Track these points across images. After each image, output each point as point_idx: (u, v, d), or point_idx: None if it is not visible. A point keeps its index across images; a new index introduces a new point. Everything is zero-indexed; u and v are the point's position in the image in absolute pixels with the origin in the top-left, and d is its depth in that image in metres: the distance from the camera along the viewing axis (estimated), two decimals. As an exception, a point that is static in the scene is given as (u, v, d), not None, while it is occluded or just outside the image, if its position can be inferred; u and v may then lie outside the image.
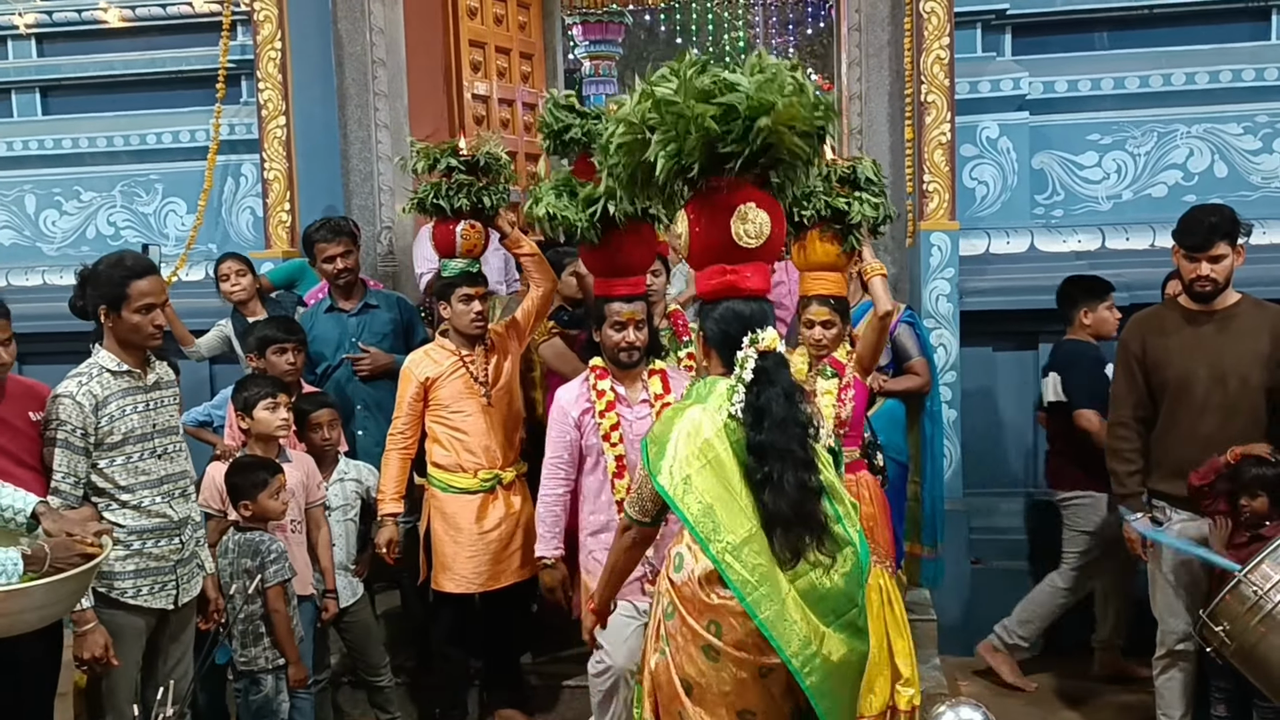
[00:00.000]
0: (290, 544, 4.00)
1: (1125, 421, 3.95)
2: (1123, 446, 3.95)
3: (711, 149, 2.59)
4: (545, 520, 3.79)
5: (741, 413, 2.61)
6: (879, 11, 5.56)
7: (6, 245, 6.52)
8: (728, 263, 2.72)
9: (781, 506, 2.56)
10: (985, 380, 5.36)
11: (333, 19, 6.01)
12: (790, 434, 2.60)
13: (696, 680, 2.64)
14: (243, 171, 6.15)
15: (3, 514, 2.83)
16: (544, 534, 3.79)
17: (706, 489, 2.58)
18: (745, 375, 2.61)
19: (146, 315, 3.25)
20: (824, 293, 3.80)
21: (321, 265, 4.82)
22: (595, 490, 3.76)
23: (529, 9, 7.70)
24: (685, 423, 2.65)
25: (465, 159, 4.10)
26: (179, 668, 3.48)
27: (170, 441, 3.41)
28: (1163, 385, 3.85)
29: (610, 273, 3.71)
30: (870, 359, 3.92)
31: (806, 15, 16.10)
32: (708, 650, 2.62)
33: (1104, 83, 5.43)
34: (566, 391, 3.80)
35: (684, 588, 2.66)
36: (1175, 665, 3.95)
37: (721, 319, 2.72)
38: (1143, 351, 3.89)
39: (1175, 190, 5.44)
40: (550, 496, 3.78)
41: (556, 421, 3.76)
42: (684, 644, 2.66)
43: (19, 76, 6.47)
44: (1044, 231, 5.43)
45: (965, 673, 4.98)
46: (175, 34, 6.31)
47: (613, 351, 3.69)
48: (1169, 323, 3.89)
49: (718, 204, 2.69)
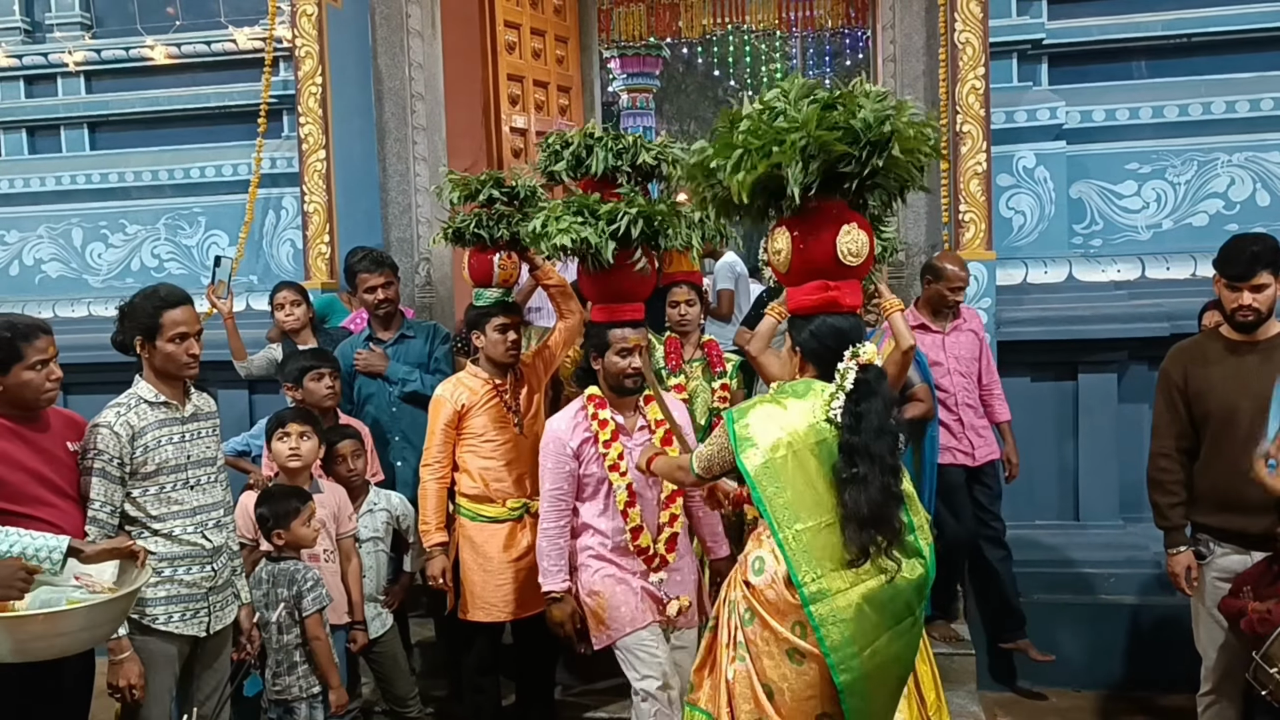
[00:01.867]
0: (324, 574, 4.02)
1: (1167, 452, 3.87)
2: (1165, 478, 3.87)
3: (830, 169, 2.72)
4: (549, 554, 3.70)
5: (840, 417, 2.73)
6: (914, 42, 5.57)
7: (54, 277, 6.66)
8: (829, 279, 2.84)
9: (862, 505, 2.66)
10: (1024, 411, 5.29)
11: (373, 54, 6.12)
12: (884, 441, 2.73)
13: (779, 685, 2.69)
14: (283, 204, 6.25)
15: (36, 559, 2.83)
16: (549, 568, 3.70)
17: (787, 477, 2.69)
18: (847, 385, 2.74)
19: (181, 345, 3.30)
20: None
21: (363, 295, 4.88)
22: (595, 517, 3.71)
23: (567, 43, 7.78)
24: (781, 412, 2.76)
25: (508, 189, 4.14)
26: (214, 696, 3.49)
27: (205, 473, 3.44)
28: (1205, 416, 3.78)
29: (614, 299, 3.70)
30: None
31: (845, 46, 16.14)
32: (792, 654, 2.68)
33: (1142, 111, 5.39)
34: (561, 421, 3.73)
35: (766, 590, 2.72)
36: (1220, 701, 3.85)
37: (821, 334, 2.84)
38: (1184, 382, 3.82)
39: (1216, 219, 5.38)
40: (553, 529, 3.70)
41: (554, 452, 3.68)
42: (766, 648, 2.71)
43: (68, 113, 6.63)
44: (1082, 261, 5.38)
45: (1005, 706, 4.90)
46: (219, 70, 6.44)
47: (617, 379, 3.66)
48: (1211, 353, 3.82)
49: (822, 223, 2.81)
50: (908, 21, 5.59)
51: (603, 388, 3.72)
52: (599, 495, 3.70)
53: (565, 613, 3.69)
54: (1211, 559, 3.78)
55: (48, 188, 6.58)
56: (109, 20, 6.70)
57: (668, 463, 3.29)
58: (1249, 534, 3.66)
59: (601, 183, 3.85)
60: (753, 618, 2.74)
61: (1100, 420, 5.29)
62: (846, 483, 2.69)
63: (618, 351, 3.64)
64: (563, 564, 3.70)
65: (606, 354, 3.66)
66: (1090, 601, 5.12)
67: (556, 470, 3.67)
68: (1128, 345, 5.22)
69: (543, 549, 3.70)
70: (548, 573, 3.69)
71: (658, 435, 3.72)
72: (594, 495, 3.70)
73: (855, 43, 15.47)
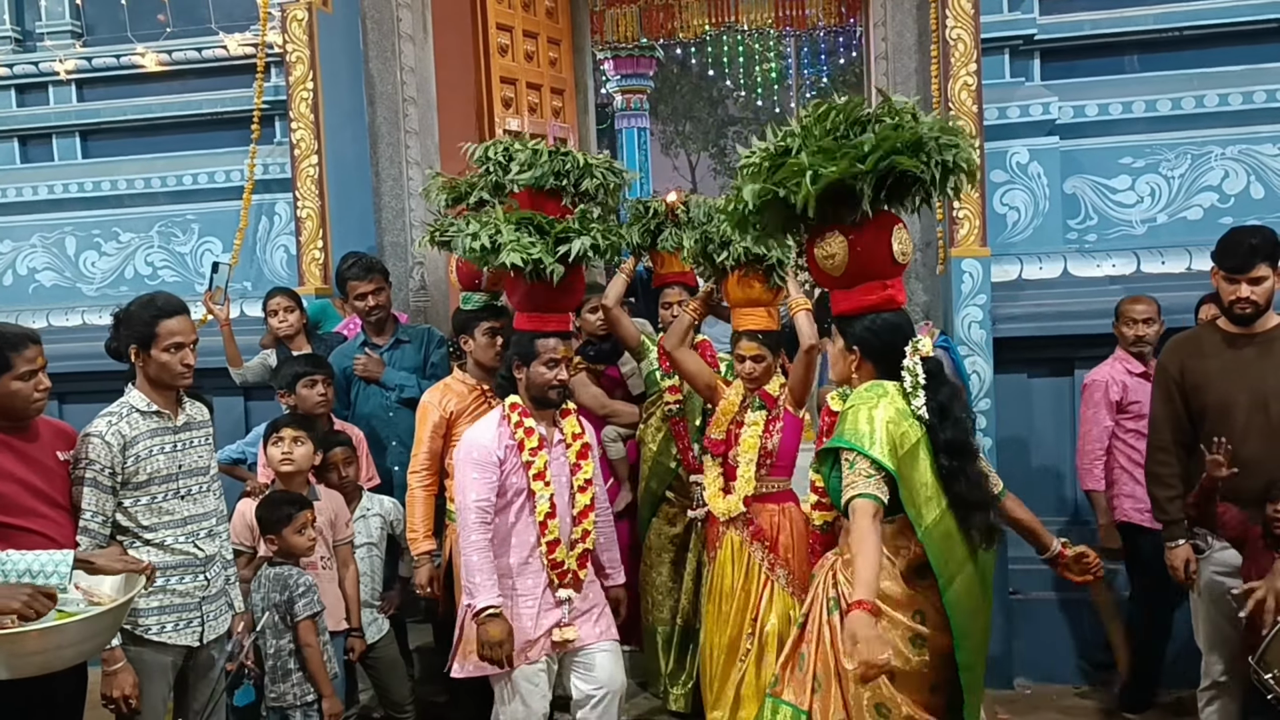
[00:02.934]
0: (321, 580, 4.02)
1: (1165, 446, 3.87)
2: (1163, 472, 3.86)
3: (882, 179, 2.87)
4: (482, 569, 3.50)
5: (928, 414, 2.88)
6: (906, 40, 5.56)
7: (48, 286, 6.64)
8: (886, 279, 2.98)
9: (975, 495, 2.90)
10: (1020, 407, 5.29)
11: (364, 59, 6.11)
12: (967, 429, 2.96)
13: (901, 669, 2.84)
14: (276, 210, 6.24)
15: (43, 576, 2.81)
16: (483, 583, 3.49)
17: (917, 475, 2.85)
18: (921, 379, 2.90)
19: (176, 354, 3.29)
20: (754, 328, 4.01)
21: (353, 302, 4.87)
22: (512, 531, 3.61)
23: (560, 45, 7.78)
24: (889, 414, 2.85)
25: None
26: (208, 705, 3.48)
27: (197, 482, 3.42)
28: (1202, 410, 3.77)
29: (543, 308, 3.67)
30: (801, 391, 4.07)
31: (839, 45, 16.15)
32: (915, 640, 2.87)
33: (1135, 105, 5.38)
34: (484, 431, 3.62)
35: (888, 585, 2.85)
36: (1220, 698, 3.85)
37: (881, 331, 2.97)
38: (1181, 375, 3.81)
39: (1211, 212, 5.36)
40: (483, 541, 3.52)
41: (478, 462, 3.55)
42: (887, 638, 2.78)
43: (60, 121, 6.61)
44: (1077, 256, 5.37)
45: (1004, 704, 4.89)
46: (210, 77, 6.42)
47: (542, 390, 3.62)
48: (1208, 346, 3.81)
49: (878, 226, 2.94)
50: (899, 19, 5.58)
51: (523, 397, 3.66)
52: (514, 508, 3.60)
53: (503, 631, 3.46)
54: (1210, 552, 3.79)
55: (40, 196, 6.56)
56: (99, 28, 6.67)
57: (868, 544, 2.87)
58: None
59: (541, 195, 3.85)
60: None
61: (1097, 416, 5.27)
62: (951, 475, 2.87)
63: (545, 362, 3.60)
64: (495, 579, 3.52)
65: (533, 364, 3.61)
66: (1089, 598, 5.10)
67: (483, 480, 3.54)
68: (1124, 340, 5.21)
69: (473, 564, 3.51)
70: (481, 587, 3.48)
71: (573, 450, 3.71)
72: (510, 508, 3.60)
73: (849, 41, 15.47)
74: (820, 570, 3.12)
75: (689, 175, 27.53)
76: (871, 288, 2.98)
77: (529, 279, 3.59)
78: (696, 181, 27.09)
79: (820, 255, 2.99)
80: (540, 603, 3.62)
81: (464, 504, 3.54)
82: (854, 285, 2.99)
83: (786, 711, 3.01)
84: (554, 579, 3.63)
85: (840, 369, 3.09)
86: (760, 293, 4.00)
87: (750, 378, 4.02)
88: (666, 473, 4.61)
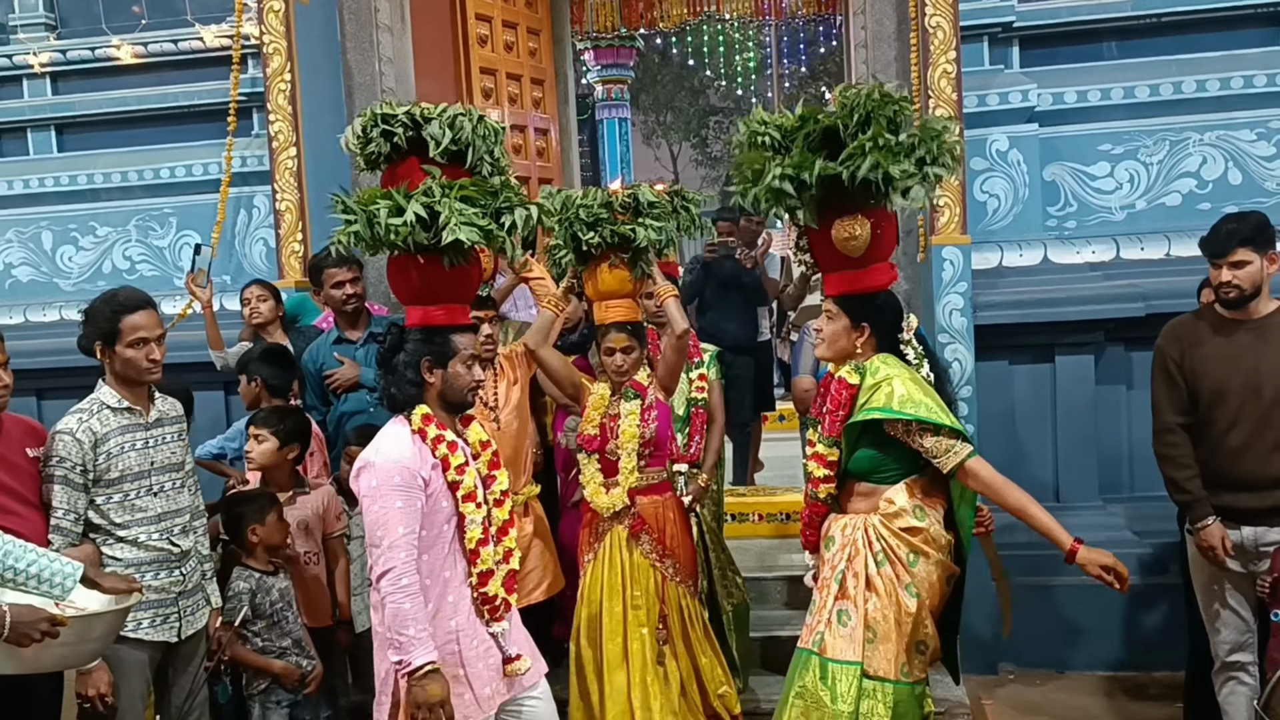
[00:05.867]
0: (305, 576, 4.00)
1: (1170, 428, 3.83)
2: (1174, 453, 3.81)
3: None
4: (416, 618, 2.91)
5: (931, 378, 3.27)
6: (885, 28, 5.55)
7: (24, 282, 6.58)
8: (890, 259, 3.27)
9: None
10: (1001, 394, 5.31)
11: (341, 50, 6.05)
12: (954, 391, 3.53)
13: (934, 602, 3.19)
14: (255, 203, 6.19)
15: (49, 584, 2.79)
16: (418, 635, 2.90)
17: None
18: (919, 349, 3.29)
19: (140, 350, 3.25)
20: (620, 319, 3.96)
21: (330, 291, 4.81)
22: (442, 565, 3.06)
23: (539, 35, 7.73)
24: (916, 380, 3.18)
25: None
26: (190, 700, 3.47)
27: (170, 479, 3.40)
28: (1197, 393, 3.77)
29: (451, 298, 3.17)
30: (671, 379, 4.10)
31: (819, 35, 16.17)
32: (950, 578, 3.23)
33: (1114, 92, 5.39)
34: (401, 449, 3.01)
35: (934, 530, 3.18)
36: (1234, 679, 3.82)
37: (892, 309, 3.29)
38: (1180, 357, 3.80)
39: (1190, 199, 5.39)
40: (414, 586, 2.92)
41: (403, 488, 2.95)
42: (930, 578, 3.17)
43: (34, 115, 6.54)
44: (1057, 243, 5.38)
45: (989, 690, 4.92)
46: (186, 69, 6.36)
47: (461, 392, 3.14)
48: (1203, 330, 3.81)
49: (887, 213, 3.18)
50: (879, 7, 5.56)
51: (434, 404, 3.12)
52: (441, 539, 3.06)
53: (445, 688, 2.94)
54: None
55: (15, 191, 6.49)
56: (73, 20, 6.60)
57: (1015, 492, 3.23)
58: (1238, 509, 3.69)
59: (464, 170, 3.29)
60: (918, 557, 3.15)
61: (1078, 402, 5.29)
62: None
63: (465, 361, 3.13)
64: (430, 629, 2.95)
65: (450, 364, 3.10)
66: (1072, 583, 5.12)
67: (409, 509, 2.94)
68: (1104, 326, 5.23)
69: (405, 613, 2.89)
70: (417, 640, 2.90)
71: (483, 460, 3.23)
72: (436, 540, 3.04)
73: (828, 30, 15.48)
74: (843, 529, 3.25)
75: (671, 166, 27.52)
76: (883, 268, 3.25)
77: (455, 262, 3.08)
78: (679, 172, 27.08)
79: (842, 236, 3.14)
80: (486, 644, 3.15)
81: (390, 542, 2.91)
82: (867, 265, 3.21)
83: (839, 669, 3.14)
84: (485, 614, 3.14)
85: (842, 345, 3.27)
86: (624, 283, 3.92)
87: (620, 370, 3.94)
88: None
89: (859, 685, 3.11)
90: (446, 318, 3.14)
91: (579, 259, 3.98)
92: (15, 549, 2.73)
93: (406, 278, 3.14)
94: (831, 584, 3.22)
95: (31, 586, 2.75)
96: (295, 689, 3.80)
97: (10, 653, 2.58)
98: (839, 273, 3.26)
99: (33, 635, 2.55)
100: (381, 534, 2.93)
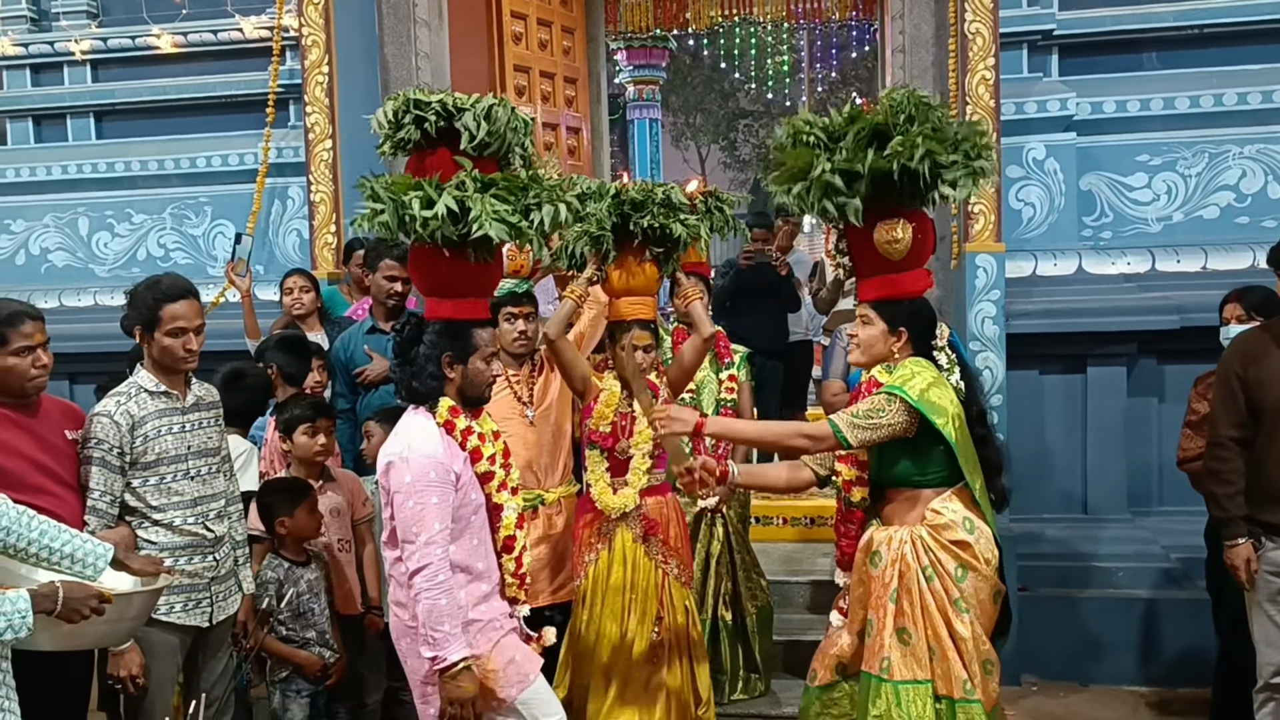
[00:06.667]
0: (339, 563, 4.02)
1: (1223, 442, 3.77)
2: (1222, 468, 3.76)
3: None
4: (452, 614, 2.93)
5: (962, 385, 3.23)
6: (923, 33, 5.53)
7: (60, 266, 6.65)
8: (926, 265, 3.30)
9: (997, 459, 3.27)
10: (1032, 404, 5.28)
11: (379, 44, 6.08)
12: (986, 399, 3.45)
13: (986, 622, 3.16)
14: (290, 194, 6.24)
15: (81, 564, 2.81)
16: (453, 630, 2.92)
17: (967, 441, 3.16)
18: (953, 357, 3.28)
19: (178, 339, 3.26)
20: (643, 317, 3.89)
21: (380, 280, 4.77)
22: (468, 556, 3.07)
23: (573, 34, 7.75)
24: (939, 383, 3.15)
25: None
26: (218, 685, 3.49)
27: (206, 463, 3.41)
28: (1260, 409, 3.69)
29: (474, 291, 3.14)
30: (684, 380, 4.07)
31: (851, 40, 16.12)
32: (996, 595, 3.18)
33: (1153, 103, 5.36)
34: (430, 444, 2.99)
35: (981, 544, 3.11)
36: (1275, 700, 3.75)
37: (926, 315, 3.28)
38: (1244, 371, 3.73)
39: (1228, 212, 5.35)
40: (449, 582, 2.95)
41: (439, 483, 2.95)
42: (979, 596, 3.13)
43: (74, 101, 6.61)
44: (1092, 253, 5.35)
45: (1011, 702, 4.88)
46: (225, 59, 6.42)
47: (480, 388, 3.13)
48: (1269, 344, 3.73)
49: (926, 216, 3.23)
50: (917, 12, 5.55)
51: (454, 398, 3.11)
52: (470, 528, 3.08)
53: (474, 686, 2.96)
54: (1263, 553, 3.69)
55: (54, 177, 6.56)
56: (115, 8, 6.67)
57: (765, 428, 3.36)
58: None
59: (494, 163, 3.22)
60: (966, 572, 3.11)
61: (1109, 414, 5.26)
62: (981, 441, 3.22)
63: (485, 357, 3.11)
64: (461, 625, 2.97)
65: (470, 359, 3.08)
66: (1098, 596, 5.11)
67: (444, 504, 2.95)
68: (1137, 338, 5.20)
69: (442, 609, 2.91)
70: (453, 636, 2.92)
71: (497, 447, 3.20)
72: (466, 528, 3.07)
73: (861, 35, 15.43)
74: (888, 542, 3.17)
75: (699, 167, 27.49)
76: (920, 274, 3.27)
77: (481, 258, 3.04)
78: (706, 174, 27.05)
79: (885, 240, 3.16)
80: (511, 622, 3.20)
81: (427, 538, 2.91)
82: (907, 270, 3.22)
83: (912, 690, 3.07)
84: (521, 595, 3.23)
85: (878, 350, 3.26)
86: (651, 280, 3.89)
87: (640, 369, 3.82)
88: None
89: (933, 704, 3.07)
90: (468, 312, 3.10)
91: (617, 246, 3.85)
92: (50, 529, 2.76)
93: (430, 269, 3.09)
94: (887, 603, 3.14)
95: (65, 566, 2.77)
96: (316, 680, 3.82)
97: (50, 629, 2.60)
98: (877, 277, 3.25)
99: (82, 611, 2.57)
100: (417, 530, 2.92)
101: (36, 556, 2.71)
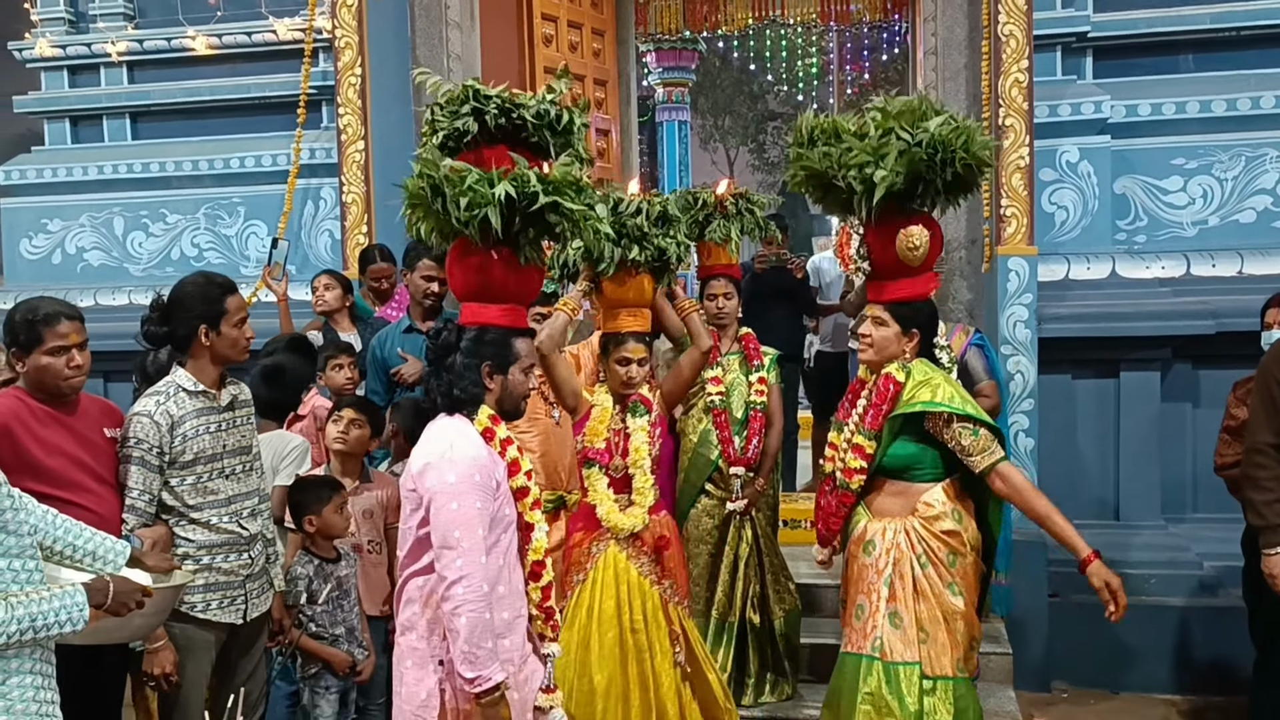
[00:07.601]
0: (367, 564, 4.03)
1: (1261, 448, 3.67)
2: (1261, 475, 3.67)
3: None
4: (484, 631, 2.69)
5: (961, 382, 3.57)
6: (956, 35, 5.50)
7: (95, 266, 6.73)
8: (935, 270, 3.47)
9: None
10: (1064, 408, 5.24)
11: (411, 46, 6.11)
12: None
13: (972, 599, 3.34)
14: (322, 195, 6.28)
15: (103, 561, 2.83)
16: (492, 650, 2.70)
17: None
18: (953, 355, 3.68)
19: (241, 329, 3.34)
20: (638, 329, 3.83)
21: (417, 279, 4.79)
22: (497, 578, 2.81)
23: (603, 36, 7.76)
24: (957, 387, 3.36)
25: None
26: (251, 681, 3.51)
27: (240, 461, 3.44)
28: None
29: (518, 299, 2.99)
30: (680, 394, 4.05)
31: (881, 42, 16.03)
32: (979, 575, 3.40)
33: (1189, 106, 5.32)
34: (474, 448, 2.81)
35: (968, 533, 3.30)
36: None
37: (933, 316, 3.49)
38: None
39: (1265, 216, 5.30)
40: (490, 594, 2.74)
41: (483, 488, 2.76)
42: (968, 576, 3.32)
43: (110, 102, 6.70)
44: (1126, 257, 5.31)
45: (1040, 708, 4.85)
46: (259, 61, 6.49)
47: (518, 401, 2.98)
48: None
49: (935, 222, 3.37)
50: (950, 14, 5.52)
51: (494, 409, 2.94)
52: (499, 545, 2.84)
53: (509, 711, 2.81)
54: None
55: (90, 177, 6.65)
56: (151, 11, 6.75)
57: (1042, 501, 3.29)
58: None
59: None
60: (956, 558, 3.28)
61: (1142, 419, 5.22)
62: None
63: (525, 369, 2.96)
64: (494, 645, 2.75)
65: (511, 370, 2.92)
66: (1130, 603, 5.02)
67: (486, 511, 2.76)
68: (1171, 343, 5.15)
69: (486, 623, 2.69)
70: (492, 655, 2.70)
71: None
72: (495, 545, 2.82)
73: (892, 37, 15.35)
74: (882, 533, 3.34)
75: (727, 170, 27.44)
76: (931, 276, 3.43)
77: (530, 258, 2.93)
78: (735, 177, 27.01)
79: (906, 246, 3.29)
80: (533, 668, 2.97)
81: (470, 544, 2.70)
82: (922, 273, 3.37)
83: (902, 670, 3.24)
84: (548, 632, 3.02)
85: (892, 351, 3.38)
86: (646, 293, 3.82)
87: (630, 383, 3.77)
88: (706, 464, 4.57)
89: (920, 685, 3.22)
90: (510, 319, 2.94)
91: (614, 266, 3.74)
92: (74, 527, 2.78)
93: (474, 271, 2.90)
94: (880, 588, 3.31)
95: (87, 564, 2.79)
96: (346, 677, 3.84)
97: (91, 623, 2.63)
98: (896, 280, 3.37)
99: (129, 605, 2.60)
100: (460, 535, 2.70)
101: (61, 554, 2.73)
